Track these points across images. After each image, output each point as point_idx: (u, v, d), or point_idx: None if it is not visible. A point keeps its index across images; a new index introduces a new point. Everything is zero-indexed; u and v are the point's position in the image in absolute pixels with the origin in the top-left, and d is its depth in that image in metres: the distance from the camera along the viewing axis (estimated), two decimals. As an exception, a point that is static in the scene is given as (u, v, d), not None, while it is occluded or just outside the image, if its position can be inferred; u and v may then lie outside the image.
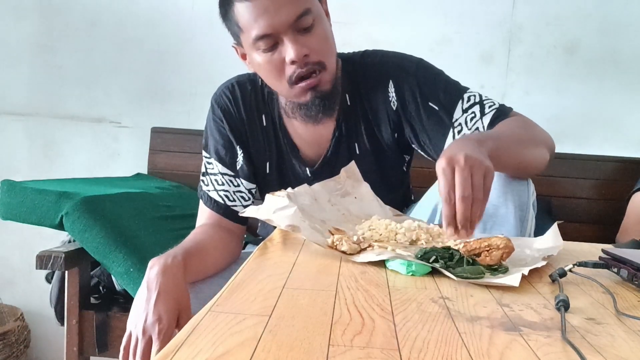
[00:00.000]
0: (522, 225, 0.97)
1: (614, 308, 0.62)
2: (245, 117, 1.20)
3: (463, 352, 0.47)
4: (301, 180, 1.16)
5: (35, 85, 2.11)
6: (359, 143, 1.18)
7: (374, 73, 1.16)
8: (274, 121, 1.20)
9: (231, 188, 1.19)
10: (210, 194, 1.20)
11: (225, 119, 1.20)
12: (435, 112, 1.10)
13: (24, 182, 1.46)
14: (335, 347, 0.47)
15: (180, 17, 2.05)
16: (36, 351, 2.17)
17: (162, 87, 2.08)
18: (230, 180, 1.19)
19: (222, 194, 1.19)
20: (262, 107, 1.20)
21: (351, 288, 0.65)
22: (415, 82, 1.12)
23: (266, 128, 1.20)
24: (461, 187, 0.77)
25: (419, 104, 1.11)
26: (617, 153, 1.89)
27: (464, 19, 1.97)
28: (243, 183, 1.19)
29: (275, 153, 1.21)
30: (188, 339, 0.47)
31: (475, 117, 1.08)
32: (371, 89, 1.16)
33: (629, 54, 1.93)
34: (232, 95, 1.21)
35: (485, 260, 0.72)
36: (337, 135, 1.18)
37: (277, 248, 0.84)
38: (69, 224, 1.36)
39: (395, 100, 1.14)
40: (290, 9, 1.03)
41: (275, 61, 1.06)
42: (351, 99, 1.17)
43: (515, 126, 1.03)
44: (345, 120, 1.17)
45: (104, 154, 2.12)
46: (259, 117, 1.20)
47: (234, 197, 1.19)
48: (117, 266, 1.36)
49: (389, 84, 1.14)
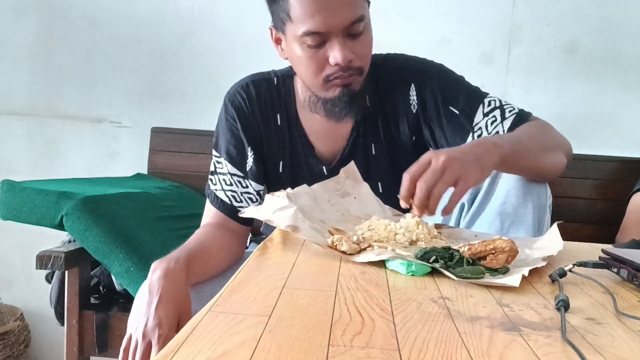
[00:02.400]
0: (539, 226, 0.98)
1: (614, 308, 0.62)
2: (260, 117, 1.19)
3: (463, 352, 0.47)
4: (317, 178, 1.15)
5: (35, 85, 2.11)
6: (376, 143, 1.18)
7: (396, 76, 1.17)
8: (289, 119, 1.20)
9: (239, 189, 1.19)
10: (218, 194, 1.19)
11: (238, 119, 1.19)
12: (456, 117, 1.11)
13: (24, 182, 1.46)
14: (335, 347, 0.47)
15: (180, 17, 2.05)
16: (36, 351, 2.17)
17: (162, 87, 2.08)
18: (239, 181, 1.19)
19: (230, 194, 1.19)
20: (277, 106, 1.20)
21: (351, 288, 0.65)
22: (437, 86, 1.13)
23: (281, 127, 1.20)
24: (424, 178, 0.84)
25: (440, 108, 1.12)
26: (617, 153, 1.89)
27: (464, 19, 1.97)
28: (252, 184, 1.19)
29: (289, 152, 1.20)
30: (188, 339, 0.47)
31: (496, 121, 1.10)
32: (392, 91, 1.17)
33: (629, 54, 1.93)
34: (246, 95, 1.20)
35: (492, 264, 0.72)
36: (354, 135, 1.18)
37: (277, 248, 0.84)
38: (69, 223, 1.36)
39: (416, 103, 1.15)
40: (348, 13, 1.03)
41: (317, 58, 1.06)
42: (371, 100, 1.17)
43: (534, 131, 1.05)
44: (364, 120, 1.17)
45: (104, 154, 2.12)
46: (274, 116, 1.20)
47: (241, 198, 1.19)
48: (117, 266, 1.36)
49: (410, 87, 1.15)
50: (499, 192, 1.00)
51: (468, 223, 1.03)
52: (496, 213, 0.99)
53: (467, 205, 1.04)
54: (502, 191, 1.00)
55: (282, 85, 1.20)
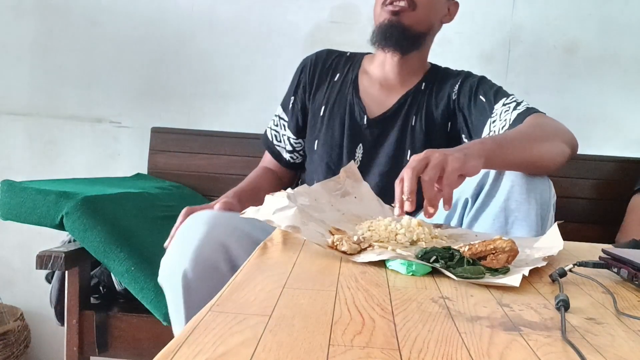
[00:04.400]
0: (542, 223, 0.99)
1: (614, 308, 0.62)
2: (320, 70, 1.45)
3: (463, 352, 0.47)
4: (354, 127, 1.36)
5: (35, 85, 2.11)
6: (417, 118, 1.35)
7: (448, 76, 1.40)
8: (346, 79, 1.42)
9: (281, 131, 1.49)
10: (267, 131, 1.52)
11: (302, 70, 1.47)
12: (481, 102, 1.29)
13: (24, 182, 1.45)
14: (335, 347, 0.47)
15: (180, 17, 2.04)
16: (36, 351, 2.17)
17: (162, 87, 2.08)
18: (283, 125, 1.48)
19: (273, 133, 1.50)
20: (339, 69, 1.45)
21: (351, 288, 0.65)
22: (475, 82, 1.34)
23: (335, 83, 1.43)
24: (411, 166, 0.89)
25: (472, 95, 1.31)
26: (617, 153, 1.89)
27: (464, 19, 1.96)
28: (289, 134, 1.48)
29: (335, 99, 1.40)
30: (188, 339, 0.47)
31: (509, 110, 1.23)
32: (443, 84, 1.38)
33: (629, 54, 1.93)
34: (317, 55, 1.48)
35: (492, 264, 0.72)
36: (402, 102, 1.37)
37: (277, 248, 0.84)
38: (70, 224, 1.36)
39: (456, 92, 1.35)
40: None
41: None
42: (425, 86, 1.39)
43: (530, 124, 1.13)
44: (414, 95, 1.37)
45: (104, 154, 2.12)
46: (333, 75, 1.44)
47: (280, 138, 1.49)
48: (118, 265, 1.36)
49: (457, 82, 1.36)
50: (503, 189, 1.01)
51: (471, 219, 1.03)
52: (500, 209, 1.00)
53: (470, 202, 1.04)
54: (505, 188, 1.01)
55: (352, 57, 1.47)
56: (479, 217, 1.03)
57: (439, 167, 0.87)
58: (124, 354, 1.47)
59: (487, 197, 1.03)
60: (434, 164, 0.87)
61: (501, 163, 1.00)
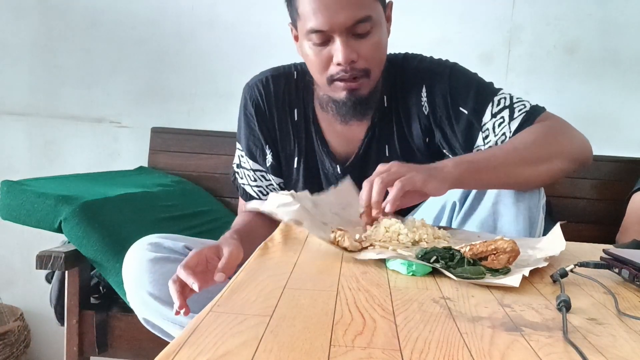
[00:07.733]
0: (531, 226, 0.98)
1: (616, 308, 0.62)
2: (277, 114, 1.21)
3: (464, 353, 0.47)
4: (330, 177, 1.20)
5: (35, 85, 2.11)
6: (390, 145, 1.18)
7: (410, 77, 1.16)
8: (306, 116, 1.21)
9: (264, 183, 1.26)
10: (246, 189, 1.28)
11: (255, 116, 1.22)
12: (465, 116, 1.10)
13: (25, 182, 1.45)
14: (336, 348, 0.47)
15: (180, 17, 2.04)
16: (36, 351, 2.17)
17: (162, 87, 2.07)
18: (262, 176, 1.25)
19: (256, 190, 1.26)
20: (295, 102, 1.21)
21: (352, 288, 0.65)
22: (447, 87, 1.12)
23: (297, 123, 1.21)
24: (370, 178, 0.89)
25: (450, 108, 1.12)
26: (617, 153, 1.89)
27: (464, 19, 1.97)
28: (273, 178, 1.25)
29: (305, 148, 1.22)
30: (189, 339, 0.47)
31: (504, 122, 1.08)
32: (406, 92, 1.17)
33: (629, 54, 1.93)
34: (264, 90, 1.21)
35: (493, 264, 0.72)
36: (370, 135, 1.18)
37: (278, 248, 0.84)
38: (68, 229, 1.35)
39: (427, 104, 1.14)
40: (351, 13, 1.02)
41: (322, 56, 1.07)
42: (388, 100, 1.18)
43: (526, 140, 1.02)
44: (380, 121, 1.18)
45: (104, 154, 2.12)
46: (291, 112, 1.21)
47: (267, 191, 1.25)
48: (114, 275, 1.35)
49: (422, 89, 1.14)
50: (491, 192, 1.00)
51: (459, 223, 1.02)
52: (488, 213, 0.99)
53: (458, 205, 1.03)
54: (493, 191, 1.00)
55: (301, 81, 1.21)
56: (467, 220, 1.01)
57: (392, 179, 0.86)
58: (124, 354, 1.47)
59: (475, 200, 1.01)
60: (389, 173, 0.87)
61: (476, 186, 0.98)
